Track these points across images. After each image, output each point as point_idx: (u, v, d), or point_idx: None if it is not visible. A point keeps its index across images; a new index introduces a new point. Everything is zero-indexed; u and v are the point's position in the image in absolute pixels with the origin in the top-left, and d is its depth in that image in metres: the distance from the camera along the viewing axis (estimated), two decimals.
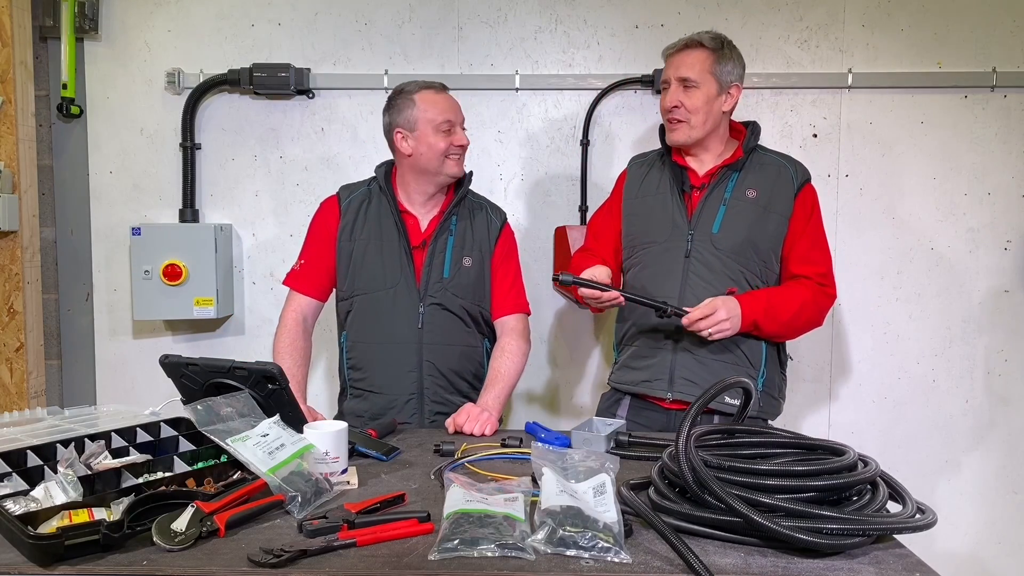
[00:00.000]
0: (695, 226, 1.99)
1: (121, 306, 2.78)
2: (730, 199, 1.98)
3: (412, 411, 2.05)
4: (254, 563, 1.11)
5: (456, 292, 2.07)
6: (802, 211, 1.99)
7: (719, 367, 1.94)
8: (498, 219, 2.19)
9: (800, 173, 2.03)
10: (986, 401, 2.72)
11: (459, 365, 2.10)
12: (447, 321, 2.07)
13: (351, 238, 2.10)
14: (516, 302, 2.16)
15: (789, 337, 2.04)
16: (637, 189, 2.11)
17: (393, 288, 2.06)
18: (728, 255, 1.96)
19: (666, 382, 1.98)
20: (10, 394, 2.68)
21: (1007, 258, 2.68)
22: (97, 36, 2.71)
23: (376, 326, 2.07)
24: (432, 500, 1.37)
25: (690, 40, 1.98)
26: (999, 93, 2.63)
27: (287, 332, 2.09)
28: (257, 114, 2.74)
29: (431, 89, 2.07)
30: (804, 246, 1.99)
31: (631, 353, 2.07)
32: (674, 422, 1.98)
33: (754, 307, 1.90)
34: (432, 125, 2.02)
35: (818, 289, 1.98)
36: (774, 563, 1.13)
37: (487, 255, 2.13)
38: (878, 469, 1.28)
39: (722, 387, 1.32)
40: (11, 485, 1.32)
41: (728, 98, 1.99)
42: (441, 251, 2.08)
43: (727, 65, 1.97)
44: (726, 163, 2.00)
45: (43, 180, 2.76)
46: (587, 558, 1.13)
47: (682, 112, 1.97)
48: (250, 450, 1.37)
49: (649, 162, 2.14)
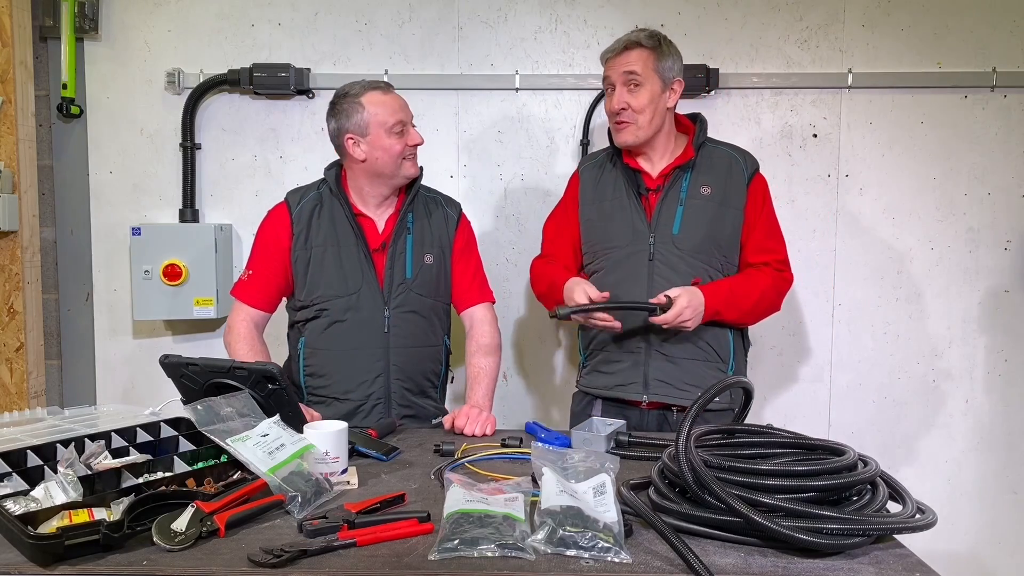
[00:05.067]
0: (655, 229, 2.00)
1: (121, 306, 2.78)
2: (686, 199, 2.00)
3: (379, 416, 2.00)
4: (254, 563, 1.11)
5: (420, 291, 2.05)
6: (754, 201, 2.02)
7: (691, 365, 1.98)
8: (454, 212, 2.16)
9: (749, 164, 2.05)
10: (986, 401, 2.72)
11: (423, 366, 2.07)
12: (413, 323, 2.04)
13: (306, 246, 2.03)
14: (481, 292, 2.15)
15: (750, 323, 2.08)
16: (592, 194, 2.11)
17: (356, 293, 2.00)
18: (690, 254, 1.98)
19: (640, 385, 2.00)
20: (10, 394, 2.68)
21: (1007, 258, 2.68)
22: (97, 36, 2.71)
23: (339, 333, 2.01)
24: (432, 500, 1.37)
25: (628, 41, 1.99)
26: (999, 93, 2.63)
27: (243, 339, 2.01)
28: (257, 114, 2.74)
29: (377, 90, 2.01)
30: (760, 235, 2.03)
31: (601, 358, 2.08)
32: (649, 421, 2.02)
33: (717, 296, 1.93)
34: (384, 128, 1.96)
35: (777, 275, 2.03)
36: (774, 563, 1.13)
37: (447, 250, 2.11)
38: (878, 469, 1.28)
39: (722, 387, 1.33)
40: (11, 485, 1.32)
41: (672, 94, 2.01)
42: (402, 252, 2.05)
43: (667, 61, 1.98)
44: (678, 163, 2.02)
45: (43, 180, 2.76)
46: (587, 558, 1.13)
47: (629, 113, 1.98)
48: (250, 450, 1.37)
49: (599, 163, 2.14)
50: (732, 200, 2.01)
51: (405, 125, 2.00)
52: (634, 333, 2.00)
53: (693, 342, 1.98)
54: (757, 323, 2.09)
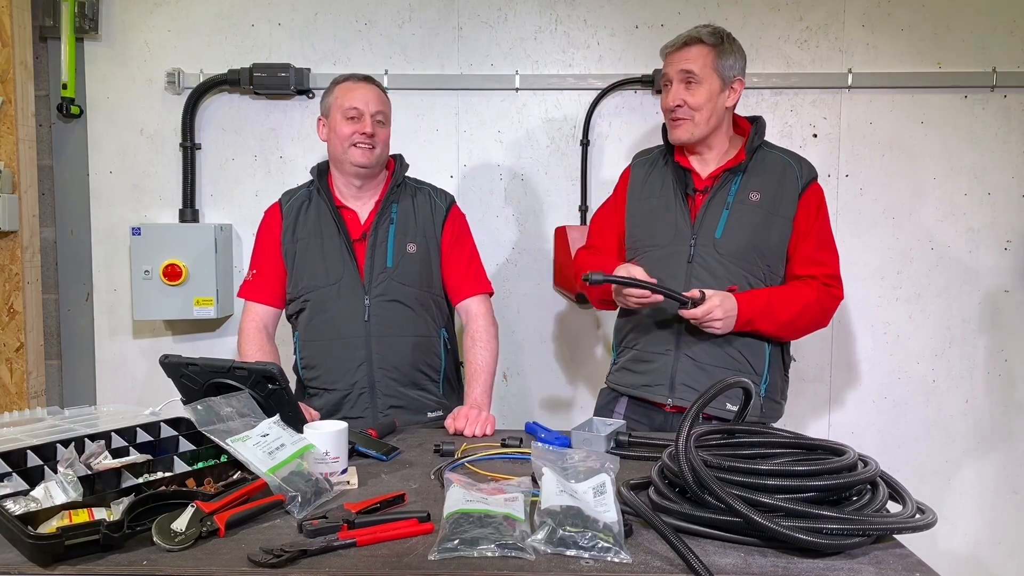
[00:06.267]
0: (698, 231, 1.95)
1: (121, 306, 2.78)
2: (733, 203, 1.94)
3: (365, 405, 2.04)
4: (254, 563, 1.11)
5: (402, 281, 2.06)
6: (806, 211, 1.95)
7: (720, 373, 1.89)
8: (443, 202, 2.17)
9: (806, 172, 1.98)
10: (986, 401, 2.72)
11: (412, 357, 2.07)
12: (396, 312, 2.05)
13: (293, 240, 2.10)
14: (475, 283, 2.15)
15: (790, 338, 2.01)
16: (640, 190, 2.08)
17: (337, 284, 2.05)
18: (731, 260, 1.92)
19: (667, 387, 1.95)
20: (10, 394, 2.68)
21: (1007, 258, 2.68)
22: (97, 36, 2.71)
23: (323, 323, 2.06)
24: (432, 500, 1.37)
25: (689, 36, 1.94)
26: (999, 93, 2.63)
27: (252, 340, 2.07)
28: (257, 114, 2.74)
29: (351, 80, 2.10)
30: (810, 247, 1.96)
31: (631, 356, 2.04)
32: (672, 423, 1.97)
33: (752, 305, 1.87)
34: (340, 111, 2.04)
35: (823, 290, 1.95)
36: (774, 563, 1.13)
37: (433, 240, 2.12)
38: (878, 469, 1.28)
39: (722, 387, 1.32)
40: (11, 485, 1.32)
41: (731, 93, 1.95)
42: (383, 241, 2.07)
43: (728, 60, 1.93)
44: (729, 166, 1.96)
45: (43, 180, 2.76)
46: (587, 558, 1.13)
47: (685, 110, 1.93)
48: (250, 450, 1.37)
49: (652, 160, 2.10)
50: (781, 209, 1.93)
51: (362, 114, 2.04)
52: (667, 335, 1.96)
53: (725, 349, 1.91)
54: (798, 339, 2.02)
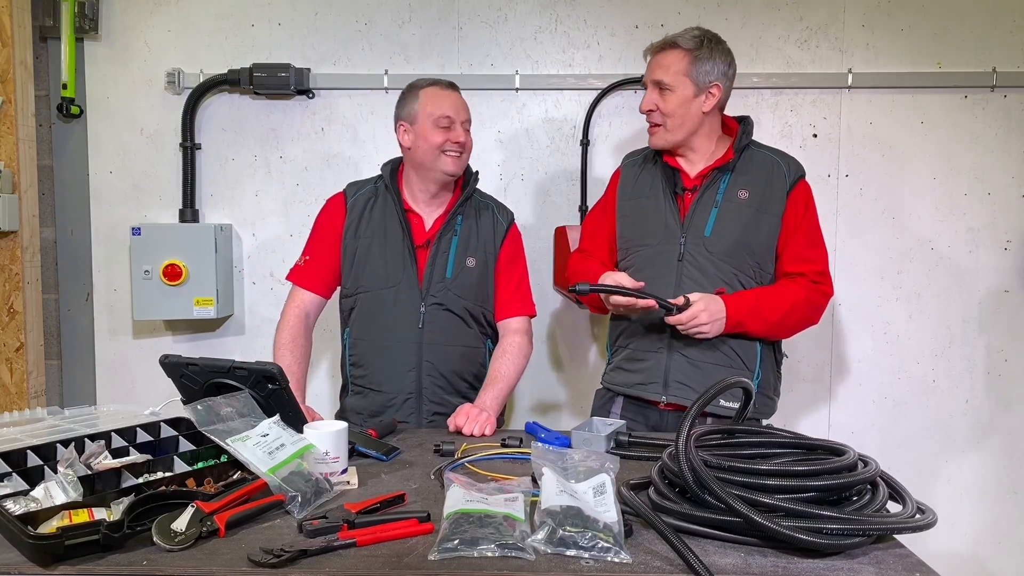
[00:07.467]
0: (687, 229, 1.96)
1: (121, 306, 2.78)
2: (722, 201, 1.96)
3: (410, 410, 2.05)
4: (254, 563, 1.11)
5: (459, 293, 2.07)
6: (794, 208, 1.97)
7: (713, 370, 1.92)
8: (504, 220, 2.18)
9: (793, 170, 2.00)
10: (986, 401, 2.72)
11: (459, 366, 2.09)
12: (448, 321, 2.07)
13: (356, 236, 2.10)
14: (521, 305, 2.16)
15: (781, 336, 2.02)
16: (631, 189, 2.09)
17: (395, 287, 2.06)
18: (721, 258, 1.94)
19: (660, 385, 1.96)
20: (10, 394, 2.68)
21: (1007, 258, 2.68)
22: (97, 36, 2.71)
23: (377, 324, 2.08)
24: (432, 500, 1.37)
25: (667, 41, 1.96)
26: (999, 93, 2.63)
27: (288, 328, 2.09)
28: (257, 114, 2.74)
29: (437, 85, 2.08)
30: (798, 244, 1.97)
31: (625, 355, 2.05)
32: (667, 422, 1.98)
33: (740, 307, 1.88)
34: (431, 119, 2.02)
35: (812, 287, 1.96)
36: (774, 563, 1.13)
37: (491, 256, 2.13)
38: (878, 469, 1.28)
39: (722, 387, 1.32)
40: (11, 485, 1.32)
41: (709, 98, 1.95)
42: (445, 251, 2.08)
43: (705, 65, 1.93)
44: (717, 164, 1.98)
45: (43, 180, 2.76)
46: (587, 558, 1.13)
47: (658, 115, 1.96)
48: (250, 450, 1.37)
49: (641, 161, 2.12)
50: (770, 206, 1.95)
51: (453, 122, 2.04)
52: (659, 333, 1.97)
53: (717, 347, 1.93)
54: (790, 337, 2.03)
